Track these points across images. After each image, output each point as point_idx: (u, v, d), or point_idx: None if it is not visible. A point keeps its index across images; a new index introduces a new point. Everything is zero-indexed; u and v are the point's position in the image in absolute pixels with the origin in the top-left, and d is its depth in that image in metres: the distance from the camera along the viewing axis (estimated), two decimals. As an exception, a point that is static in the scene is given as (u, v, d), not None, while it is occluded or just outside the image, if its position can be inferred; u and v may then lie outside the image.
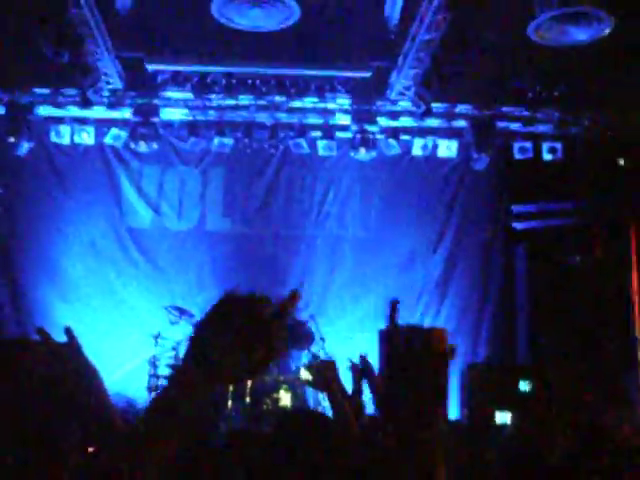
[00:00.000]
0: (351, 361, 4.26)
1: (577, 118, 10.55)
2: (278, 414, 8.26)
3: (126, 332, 10.26)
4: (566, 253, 10.37)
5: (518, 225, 10.93)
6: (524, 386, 8.85)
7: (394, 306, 1.82)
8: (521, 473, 2.40)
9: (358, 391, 4.12)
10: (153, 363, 9.17)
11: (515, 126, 10.76)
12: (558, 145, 10.62)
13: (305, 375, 8.58)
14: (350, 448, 2.36)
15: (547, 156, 10.60)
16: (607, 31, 8.48)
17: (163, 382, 9.13)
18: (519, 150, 10.71)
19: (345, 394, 3.57)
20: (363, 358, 4.16)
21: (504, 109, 10.67)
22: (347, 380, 4.18)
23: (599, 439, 2.28)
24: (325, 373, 3.35)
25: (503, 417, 8.42)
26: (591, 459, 2.23)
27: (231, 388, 8.78)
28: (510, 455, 2.52)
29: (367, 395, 4.01)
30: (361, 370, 4.15)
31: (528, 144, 10.70)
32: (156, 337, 9.25)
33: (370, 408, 3.87)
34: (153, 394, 9.05)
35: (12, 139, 10.13)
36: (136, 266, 10.82)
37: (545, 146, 10.63)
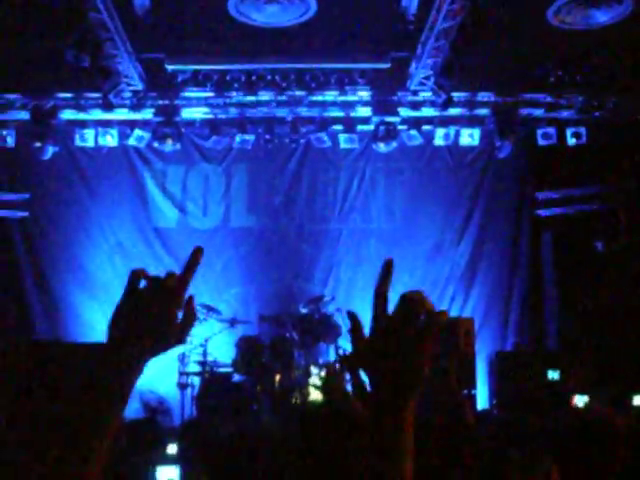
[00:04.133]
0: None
1: (601, 102, 10.40)
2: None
3: (155, 330, 10.35)
4: (592, 239, 10.25)
5: (543, 212, 10.84)
6: (553, 374, 8.77)
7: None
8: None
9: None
10: (182, 360, 9.26)
11: (538, 112, 10.65)
12: (582, 130, 10.49)
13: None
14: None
15: (571, 141, 10.48)
16: (628, 12, 8.38)
17: (192, 379, 9.24)
18: (542, 136, 10.60)
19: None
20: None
21: (526, 95, 10.57)
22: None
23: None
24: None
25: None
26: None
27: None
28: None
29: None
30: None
31: (552, 130, 10.59)
32: (185, 334, 9.31)
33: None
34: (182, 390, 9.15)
35: (37, 144, 10.23)
36: (163, 265, 10.89)
37: (569, 131, 10.51)
